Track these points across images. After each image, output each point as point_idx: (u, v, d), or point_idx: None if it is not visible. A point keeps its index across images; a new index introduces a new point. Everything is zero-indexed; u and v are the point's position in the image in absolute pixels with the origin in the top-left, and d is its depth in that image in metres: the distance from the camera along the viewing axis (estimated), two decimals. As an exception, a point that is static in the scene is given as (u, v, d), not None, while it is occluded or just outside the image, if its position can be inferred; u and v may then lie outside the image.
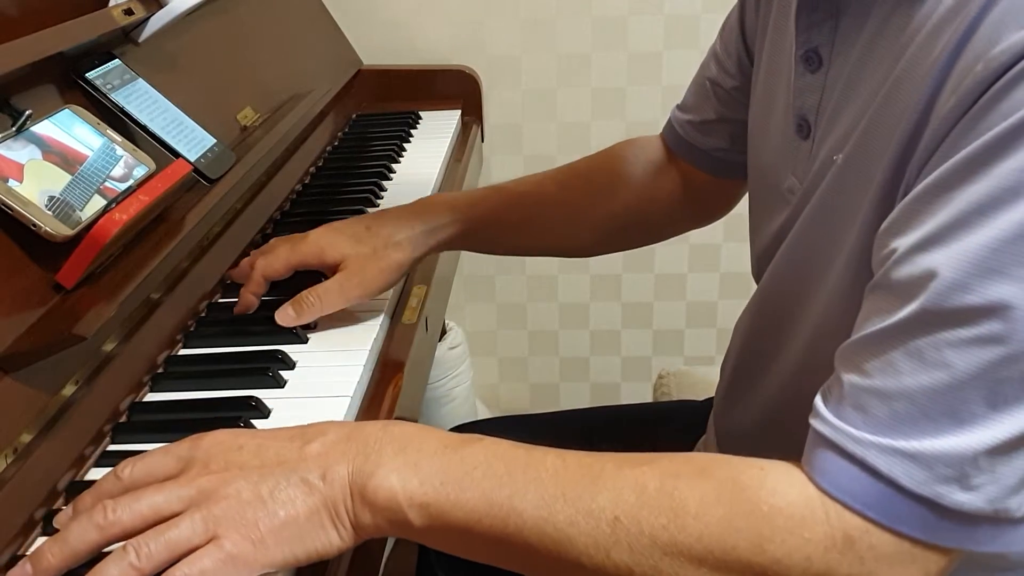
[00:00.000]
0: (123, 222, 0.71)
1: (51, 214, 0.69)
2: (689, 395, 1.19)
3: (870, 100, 0.59)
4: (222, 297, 0.90)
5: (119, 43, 0.93)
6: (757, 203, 0.79)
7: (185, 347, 0.82)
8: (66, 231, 0.69)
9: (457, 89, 1.55)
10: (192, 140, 0.91)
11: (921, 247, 0.49)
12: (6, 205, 0.67)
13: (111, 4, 0.90)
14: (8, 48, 0.73)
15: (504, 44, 1.65)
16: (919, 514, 0.49)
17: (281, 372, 0.76)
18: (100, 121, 0.80)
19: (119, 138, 0.81)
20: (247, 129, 1.06)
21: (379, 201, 1.16)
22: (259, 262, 0.86)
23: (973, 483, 0.48)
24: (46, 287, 0.69)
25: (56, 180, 0.72)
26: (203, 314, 0.86)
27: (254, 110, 1.10)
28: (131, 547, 0.52)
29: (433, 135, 1.42)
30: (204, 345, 0.82)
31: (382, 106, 1.52)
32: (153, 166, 0.81)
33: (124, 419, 0.72)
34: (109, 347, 0.73)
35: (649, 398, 1.41)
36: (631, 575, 0.52)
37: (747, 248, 0.81)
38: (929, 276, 0.48)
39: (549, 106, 1.69)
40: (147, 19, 0.94)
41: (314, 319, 0.83)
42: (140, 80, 0.91)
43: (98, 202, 0.74)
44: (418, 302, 0.92)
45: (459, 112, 1.52)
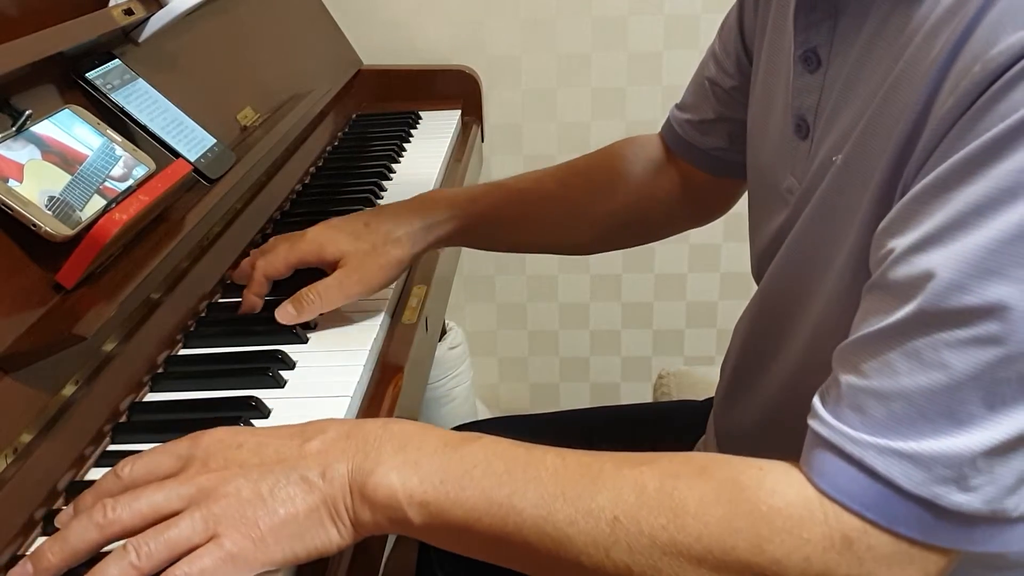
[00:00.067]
0: (123, 222, 0.71)
1: (51, 214, 0.69)
2: (689, 395, 1.19)
3: (869, 100, 0.59)
4: (222, 297, 0.90)
5: (119, 43, 0.93)
6: (756, 203, 0.79)
7: (185, 347, 0.82)
8: (66, 231, 0.69)
9: (457, 89, 1.55)
10: (192, 140, 0.91)
11: (919, 247, 0.49)
12: (6, 205, 0.67)
13: (111, 4, 0.90)
14: (8, 48, 0.73)
15: (504, 44, 1.65)
16: (917, 515, 0.49)
17: (281, 372, 0.76)
18: (100, 121, 0.81)
19: (119, 138, 0.81)
20: (247, 129, 1.06)
21: (379, 201, 1.16)
22: (259, 262, 0.86)
23: (971, 484, 0.48)
24: (46, 287, 0.69)
25: (56, 180, 0.72)
26: (203, 314, 0.87)
27: (254, 110, 1.10)
28: (131, 546, 0.52)
29: (433, 135, 1.42)
30: (204, 345, 0.82)
31: (382, 106, 1.52)
32: (153, 166, 0.81)
33: (124, 419, 0.72)
34: (109, 347, 0.73)
35: (649, 398, 1.41)
36: (630, 574, 0.52)
37: (747, 248, 0.81)
38: (927, 277, 0.48)
39: (549, 106, 1.69)
40: (147, 19, 0.94)
41: (314, 316, 0.83)
42: (140, 80, 0.91)
43: (98, 202, 0.74)
44: (418, 302, 0.92)
45: (459, 112, 1.52)
